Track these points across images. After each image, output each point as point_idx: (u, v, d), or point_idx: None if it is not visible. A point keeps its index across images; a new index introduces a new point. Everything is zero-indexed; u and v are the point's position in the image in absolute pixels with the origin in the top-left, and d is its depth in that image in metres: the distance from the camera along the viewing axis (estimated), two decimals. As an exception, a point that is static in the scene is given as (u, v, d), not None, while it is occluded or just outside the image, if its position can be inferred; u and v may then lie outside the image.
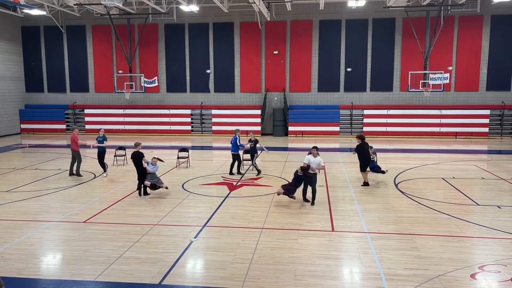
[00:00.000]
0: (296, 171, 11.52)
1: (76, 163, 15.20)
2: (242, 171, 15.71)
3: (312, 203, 11.34)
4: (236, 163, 15.40)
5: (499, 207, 11.14)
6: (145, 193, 12.52)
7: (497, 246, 8.47)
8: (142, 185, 12.45)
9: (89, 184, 14.19)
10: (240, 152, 15.64)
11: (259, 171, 15.40)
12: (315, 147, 11.89)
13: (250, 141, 15.76)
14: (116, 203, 11.72)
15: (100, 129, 16.36)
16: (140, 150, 12.64)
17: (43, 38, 29.99)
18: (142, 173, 12.44)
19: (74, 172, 15.22)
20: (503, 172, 15.83)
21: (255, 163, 15.56)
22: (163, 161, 13.40)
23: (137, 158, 12.46)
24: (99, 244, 8.62)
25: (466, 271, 7.28)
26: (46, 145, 23.96)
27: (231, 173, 15.37)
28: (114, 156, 17.62)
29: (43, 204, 11.71)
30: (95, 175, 15.47)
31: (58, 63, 30.02)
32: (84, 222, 10.07)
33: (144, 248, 8.40)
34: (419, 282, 6.91)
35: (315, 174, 11.61)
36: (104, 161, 15.49)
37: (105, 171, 15.41)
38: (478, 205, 11.45)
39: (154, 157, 12.88)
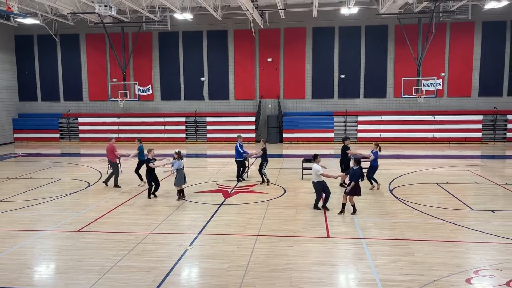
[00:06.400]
0: (351, 169, 11.27)
1: (114, 174, 14.67)
2: (245, 178, 15.68)
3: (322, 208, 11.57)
4: (241, 169, 15.36)
5: (493, 212, 11.19)
6: (183, 196, 12.83)
7: (491, 251, 8.50)
8: (153, 189, 12.99)
9: (83, 193, 14.10)
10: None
11: (267, 181, 14.98)
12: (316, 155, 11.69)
13: (262, 149, 15.16)
14: (110, 211, 11.65)
15: (136, 138, 15.95)
16: (149, 157, 12.72)
17: (36, 47, 29.93)
18: (153, 178, 12.87)
19: (109, 183, 14.73)
20: (497, 177, 15.92)
21: (264, 172, 15.11)
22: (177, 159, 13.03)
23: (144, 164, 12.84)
24: (93, 253, 8.55)
25: (461, 276, 7.29)
26: (39, 154, 23.82)
27: (238, 180, 15.26)
28: (108, 164, 17.50)
29: (37, 213, 11.62)
30: (88, 183, 15.38)
31: (51, 72, 29.95)
32: (78, 231, 10.00)
33: (138, 257, 8.34)
34: (415, 287, 6.90)
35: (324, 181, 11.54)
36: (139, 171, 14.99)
37: (141, 179, 14.79)
38: (473, 210, 11.49)
39: (175, 152, 12.79)
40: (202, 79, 28.74)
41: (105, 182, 14.84)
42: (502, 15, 25.76)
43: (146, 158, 12.83)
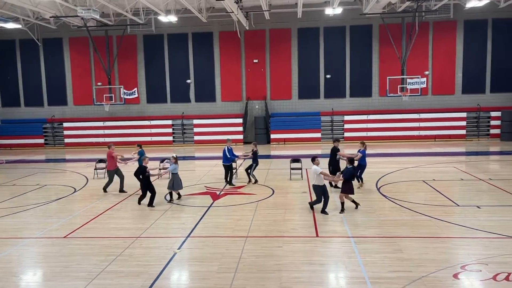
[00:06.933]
0: (346, 168, 11.43)
1: (120, 179, 14.33)
2: (234, 178, 15.64)
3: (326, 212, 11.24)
4: (229, 174, 15.04)
5: (479, 207, 11.34)
6: (171, 199, 12.79)
7: (478, 246, 8.61)
8: (150, 198, 12.37)
9: (69, 198, 13.91)
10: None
11: (255, 181, 15.22)
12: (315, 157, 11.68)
13: (252, 151, 15.25)
14: (97, 217, 11.51)
15: (137, 143, 15.90)
16: (144, 164, 12.43)
17: (18, 52, 29.49)
18: (147, 186, 12.29)
19: (123, 189, 14.39)
20: (481, 172, 16.16)
21: (252, 173, 15.25)
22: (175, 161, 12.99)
23: (140, 172, 12.32)
24: (80, 259, 8.43)
25: (448, 271, 7.37)
26: (23, 161, 23.45)
27: (230, 183, 15.03)
28: (95, 169, 17.35)
29: (22, 220, 11.42)
30: (75, 189, 15.18)
31: (34, 77, 29.53)
32: (64, 237, 9.86)
33: (126, 262, 8.25)
34: (403, 284, 6.96)
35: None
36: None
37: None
38: (458, 206, 11.64)
39: (172, 156, 12.79)
40: (188, 81, 28.63)
41: (121, 190, 14.34)
42: (483, 14, 26.17)
43: (142, 165, 12.43)
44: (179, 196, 13.11)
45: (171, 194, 13.00)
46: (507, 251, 8.21)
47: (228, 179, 15.11)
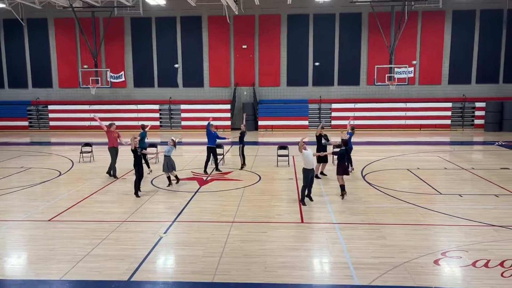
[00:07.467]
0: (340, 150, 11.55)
1: (112, 163, 14.04)
2: (221, 165, 15.64)
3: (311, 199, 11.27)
4: (210, 157, 14.66)
5: (461, 196, 11.57)
6: (170, 182, 12.66)
7: (458, 233, 8.81)
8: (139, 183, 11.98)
9: (54, 181, 13.79)
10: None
11: (241, 165, 15.30)
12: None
13: (241, 132, 15.43)
14: (83, 200, 11.45)
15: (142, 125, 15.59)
16: (134, 145, 11.81)
17: (2, 32, 28.83)
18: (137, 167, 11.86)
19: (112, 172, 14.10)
20: (464, 162, 16.44)
21: (240, 155, 15.38)
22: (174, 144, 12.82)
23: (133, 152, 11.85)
24: (65, 243, 8.40)
25: (429, 258, 7.54)
26: (7, 143, 23.09)
27: (216, 169, 14.89)
28: (80, 153, 17.18)
29: (6, 203, 11.29)
30: (60, 172, 15.04)
31: (19, 58, 28.94)
32: (49, 220, 9.79)
33: (112, 245, 8.25)
34: (386, 269, 7.10)
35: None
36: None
37: (148, 167, 14.58)
38: (441, 194, 11.86)
39: (171, 139, 12.67)
40: (176, 66, 28.34)
41: (112, 174, 14.09)
42: (472, 4, 26.33)
43: (134, 147, 11.93)
44: (177, 179, 12.96)
45: (169, 178, 12.87)
46: (487, 238, 8.42)
47: (207, 165, 14.56)
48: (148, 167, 14.66)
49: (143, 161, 12.60)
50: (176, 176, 12.97)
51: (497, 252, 7.70)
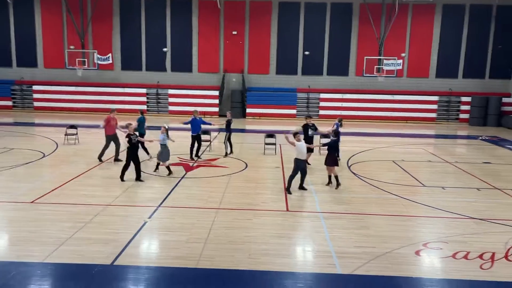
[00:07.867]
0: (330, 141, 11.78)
1: (104, 148, 13.88)
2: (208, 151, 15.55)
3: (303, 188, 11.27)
4: (195, 145, 14.71)
5: (443, 188, 11.76)
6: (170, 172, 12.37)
7: (440, 225, 8.98)
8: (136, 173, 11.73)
9: (38, 163, 13.59)
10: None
11: (225, 153, 15.27)
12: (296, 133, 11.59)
13: (227, 121, 15.35)
14: (67, 183, 11.32)
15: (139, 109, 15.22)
16: (129, 132, 11.66)
17: (-14, 8, 28.02)
18: (133, 155, 11.67)
19: (118, 157, 13.91)
20: (448, 155, 16.68)
21: (226, 143, 15.32)
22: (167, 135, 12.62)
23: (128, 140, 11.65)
24: (48, 225, 8.33)
25: (411, 248, 7.67)
26: (-10, 123, 22.63)
27: (197, 157, 14.74)
28: (65, 135, 16.94)
29: (-13, 184, 11.12)
30: (44, 154, 14.83)
31: (3, 36, 28.19)
32: (32, 202, 9.67)
33: (96, 229, 8.20)
34: (368, 259, 7.21)
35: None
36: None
37: (148, 153, 14.30)
38: (425, 186, 12.04)
39: (163, 126, 12.41)
40: (165, 49, 27.97)
41: (98, 156, 13.94)
42: (462, -1, 26.48)
43: (127, 134, 11.75)
44: (170, 172, 12.40)
45: (157, 165, 12.69)
46: (467, 231, 8.59)
47: (196, 153, 14.69)
48: (148, 153, 14.34)
49: (140, 149, 12.33)
50: (168, 167, 12.47)
51: (476, 245, 7.87)
